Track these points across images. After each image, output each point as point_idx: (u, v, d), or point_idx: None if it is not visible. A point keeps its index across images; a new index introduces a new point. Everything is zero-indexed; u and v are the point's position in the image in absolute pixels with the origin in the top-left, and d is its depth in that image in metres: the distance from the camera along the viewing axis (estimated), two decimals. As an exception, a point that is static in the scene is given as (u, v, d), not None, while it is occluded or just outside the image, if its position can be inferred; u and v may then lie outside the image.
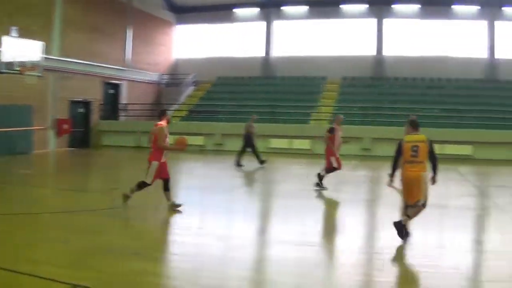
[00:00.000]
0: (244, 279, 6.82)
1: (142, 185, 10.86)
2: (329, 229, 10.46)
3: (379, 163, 21.28)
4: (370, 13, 34.43)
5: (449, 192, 14.42)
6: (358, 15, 34.72)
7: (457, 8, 33.10)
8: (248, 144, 20.33)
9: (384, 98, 31.04)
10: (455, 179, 17.96)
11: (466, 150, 25.25)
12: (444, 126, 26.27)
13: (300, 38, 36.08)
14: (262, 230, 10.22)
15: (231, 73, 35.92)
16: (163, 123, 10.90)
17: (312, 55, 35.05)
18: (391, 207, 10.17)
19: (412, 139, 8.78)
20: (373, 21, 34.48)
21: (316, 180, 14.40)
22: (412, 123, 9.04)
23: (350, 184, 16.55)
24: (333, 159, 14.37)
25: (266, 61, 36.34)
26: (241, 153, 20.27)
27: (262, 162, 20.13)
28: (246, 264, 7.56)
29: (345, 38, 34.96)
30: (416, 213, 8.61)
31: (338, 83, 33.78)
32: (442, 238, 9.49)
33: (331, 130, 14.50)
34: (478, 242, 9.17)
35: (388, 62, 33.79)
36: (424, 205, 8.60)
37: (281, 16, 36.45)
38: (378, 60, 34.11)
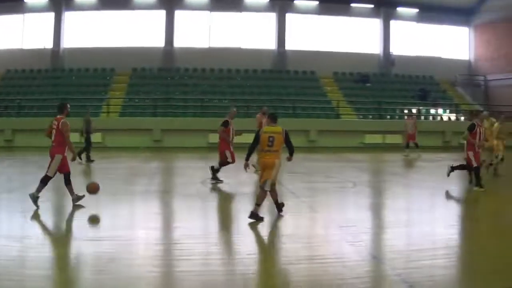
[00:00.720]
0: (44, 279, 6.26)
1: (45, 180, 10.25)
2: (125, 223, 9.89)
3: (171, 154, 21.15)
4: (160, 5, 34.08)
5: (243, 180, 14.62)
6: (147, 6, 34.09)
7: (247, 1, 34.39)
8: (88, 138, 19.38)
9: (175, 89, 30.95)
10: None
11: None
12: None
13: (91, 29, 34.19)
14: (58, 228, 9.45)
15: (20, 66, 32.93)
16: (63, 116, 10.47)
17: (102, 46, 33.51)
18: (184, 197, 10.07)
19: (269, 130, 9.71)
20: (162, 12, 34.18)
21: (210, 174, 14.06)
22: (271, 116, 10.08)
23: (142, 176, 16.04)
24: (227, 153, 14.11)
25: (55, 53, 33.94)
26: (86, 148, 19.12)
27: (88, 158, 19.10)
28: (44, 263, 6.92)
29: (134, 30, 34.05)
30: (261, 198, 9.45)
31: (127, 74, 32.93)
32: (239, 225, 9.52)
33: (226, 123, 14.22)
34: (275, 227, 9.34)
35: (178, 54, 33.70)
36: (270, 188, 9.52)
37: (73, 7, 34.23)
38: (168, 52, 33.88)
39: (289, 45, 34.94)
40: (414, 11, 37.25)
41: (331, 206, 11.63)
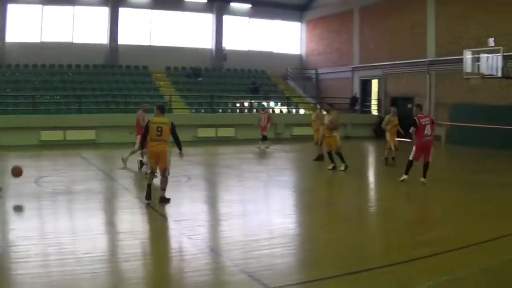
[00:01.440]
0: None
1: None
2: None
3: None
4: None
5: (75, 177, 14.36)
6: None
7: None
8: None
9: (6, 86, 28.91)
10: (80, 164, 17.93)
11: (89, 135, 25.16)
12: (66, 112, 26.21)
13: None
14: None
15: None
16: None
17: None
18: (17, 197, 9.57)
19: (158, 121, 10.69)
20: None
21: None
22: (159, 108, 11.03)
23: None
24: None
25: None
26: None
27: None
28: None
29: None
30: (165, 183, 10.69)
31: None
32: (74, 224, 9.29)
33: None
34: (111, 224, 9.19)
35: (8, 49, 31.51)
36: (168, 174, 10.67)
37: None
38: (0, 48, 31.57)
39: (122, 40, 34.17)
40: (247, 6, 38.03)
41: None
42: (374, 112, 34.68)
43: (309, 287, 6.14)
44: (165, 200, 10.57)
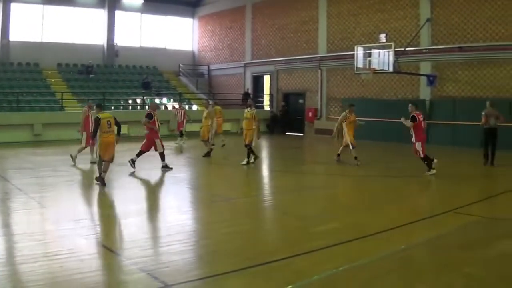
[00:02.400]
0: None
1: None
2: None
3: None
4: None
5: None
6: None
7: None
8: None
9: None
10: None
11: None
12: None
13: None
14: None
15: None
16: None
17: None
18: None
19: (105, 116, 12.79)
20: None
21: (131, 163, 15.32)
22: (99, 106, 13.45)
23: None
24: (157, 142, 15.61)
25: None
26: None
27: None
28: None
29: None
30: (107, 168, 12.70)
31: None
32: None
33: (150, 116, 15.57)
34: (5, 226, 8.93)
35: None
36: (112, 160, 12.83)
37: None
38: None
39: (13, 36, 32.80)
40: (139, 2, 37.62)
41: (61, 200, 11.33)
42: (267, 107, 35.34)
43: (208, 282, 6.19)
44: (102, 181, 12.45)
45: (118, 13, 37.13)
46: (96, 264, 6.80)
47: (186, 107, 33.27)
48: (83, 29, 35.92)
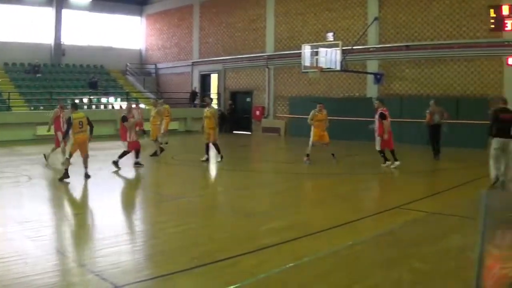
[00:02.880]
0: None
1: None
2: None
3: None
4: None
5: None
6: None
7: None
8: None
9: None
10: None
11: None
12: None
13: None
14: None
15: None
16: None
17: None
18: None
19: (78, 117, 13.44)
20: None
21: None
22: (74, 105, 13.96)
23: None
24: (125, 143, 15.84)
25: None
26: None
27: None
28: None
29: None
30: (87, 162, 13.67)
31: None
32: None
33: (124, 119, 15.82)
34: None
35: None
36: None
37: None
38: None
39: None
40: (87, 0, 37.05)
41: (7, 202, 11.04)
42: (214, 106, 35.18)
43: (158, 282, 6.16)
44: (88, 176, 13.55)
45: (65, 12, 36.50)
46: (44, 266, 6.62)
47: (133, 106, 32.83)
48: (31, 27, 35.23)
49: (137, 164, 16.07)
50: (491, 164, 12.14)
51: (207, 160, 17.33)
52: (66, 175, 13.15)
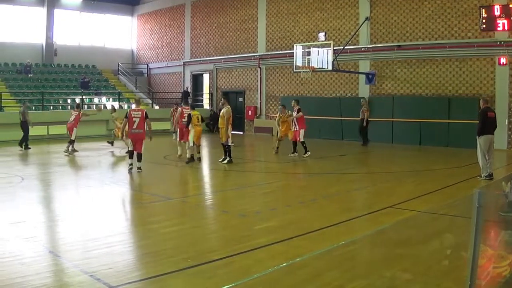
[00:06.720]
0: None
1: None
2: None
3: None
4: None
5: None
6: None
7: None
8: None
9: None
10: None
11: None
12: None
13: None
14: None
15: None
16: None
17: None
18: None
19: (195, 114, 15.94)
20: None
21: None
22: (192, 106, 16.63)
23: None
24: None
25: None
26: None
27: None
28: None
29: None
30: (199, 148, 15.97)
31: None
32: None
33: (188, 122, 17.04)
34: None
35: None
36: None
37: None
38: None
39: None
40: (78, 0, 37.00)
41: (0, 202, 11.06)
42: (206, 106, 35.29)
43: (151, 283, 6.16)
44: (200, 160, 16.77)
45: (57, 11, 36.45)
46: (38, 267, 6.60)
47: (125, 106, 32.81)
48: (22, 27, 35.14)
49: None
50: (480, 159, 13.44)
51: (229, 161, 17.17)
52: (191, 159, 16.83)
